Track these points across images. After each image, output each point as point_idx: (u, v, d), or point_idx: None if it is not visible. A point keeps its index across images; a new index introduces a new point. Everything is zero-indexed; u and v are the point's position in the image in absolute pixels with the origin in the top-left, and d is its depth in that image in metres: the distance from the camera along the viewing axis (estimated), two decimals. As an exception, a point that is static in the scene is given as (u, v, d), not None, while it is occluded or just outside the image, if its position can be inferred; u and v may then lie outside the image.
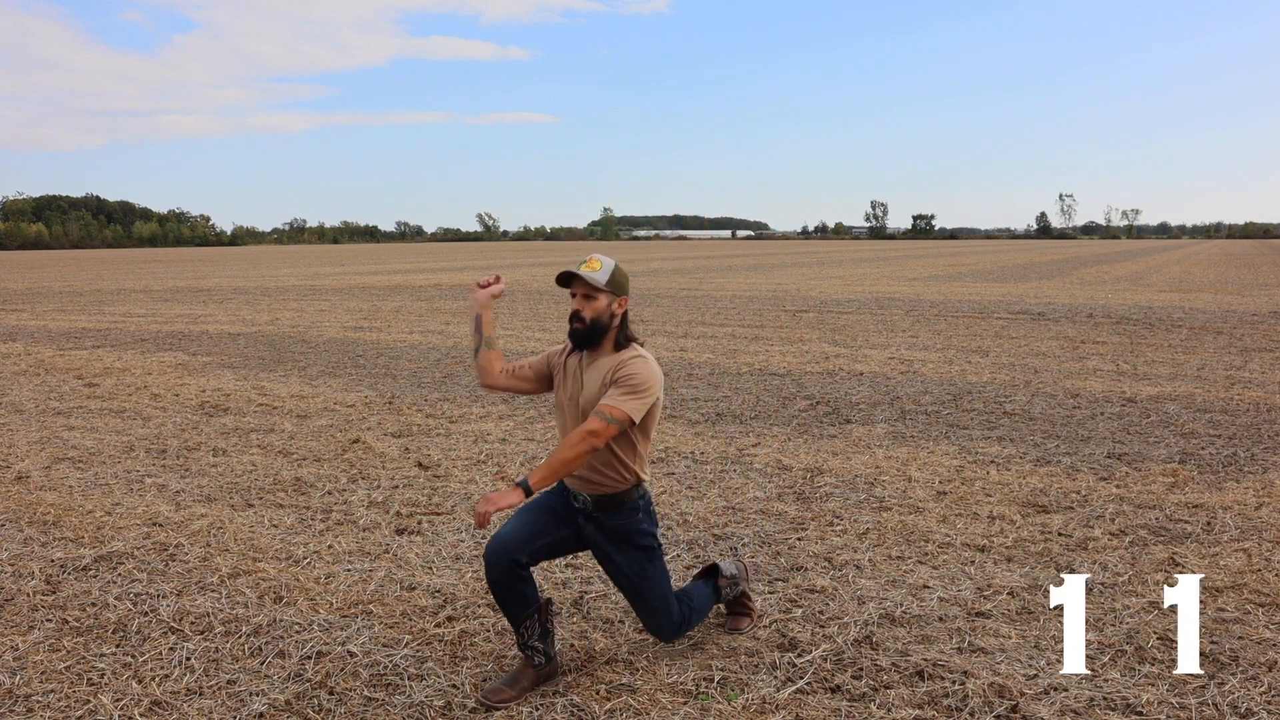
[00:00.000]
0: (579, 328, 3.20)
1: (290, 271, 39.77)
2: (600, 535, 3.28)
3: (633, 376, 3.12)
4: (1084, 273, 32.10)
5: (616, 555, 3.27)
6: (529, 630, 3.21)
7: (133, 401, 8.65)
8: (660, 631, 3.38)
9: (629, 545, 3.28)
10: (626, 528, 3.27)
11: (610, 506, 3.25)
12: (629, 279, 3.28)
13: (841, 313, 17.02)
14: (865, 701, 3.13)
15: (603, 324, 3.19)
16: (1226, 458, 6.22)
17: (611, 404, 3.07)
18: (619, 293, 3.21)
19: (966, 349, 11.79)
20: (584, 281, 3.16)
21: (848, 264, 42.80)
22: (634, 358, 3.18)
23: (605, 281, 3.16)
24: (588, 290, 3.17)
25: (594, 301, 3.17)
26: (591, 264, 3.18)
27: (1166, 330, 13.58)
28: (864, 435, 6.99)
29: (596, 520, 3.27)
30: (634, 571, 3.28)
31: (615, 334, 3.23)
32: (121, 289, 27.72)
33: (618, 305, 3.21)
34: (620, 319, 3.23)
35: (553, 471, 3.02)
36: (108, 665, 3.43)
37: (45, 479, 5.97)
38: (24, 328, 15.98)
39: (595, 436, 3.04)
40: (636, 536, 3.28)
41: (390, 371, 10.43)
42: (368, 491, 5.61)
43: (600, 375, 3.19)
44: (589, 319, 3.18)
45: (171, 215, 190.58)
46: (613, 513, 3.26)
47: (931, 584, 4.10)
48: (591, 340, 3.21)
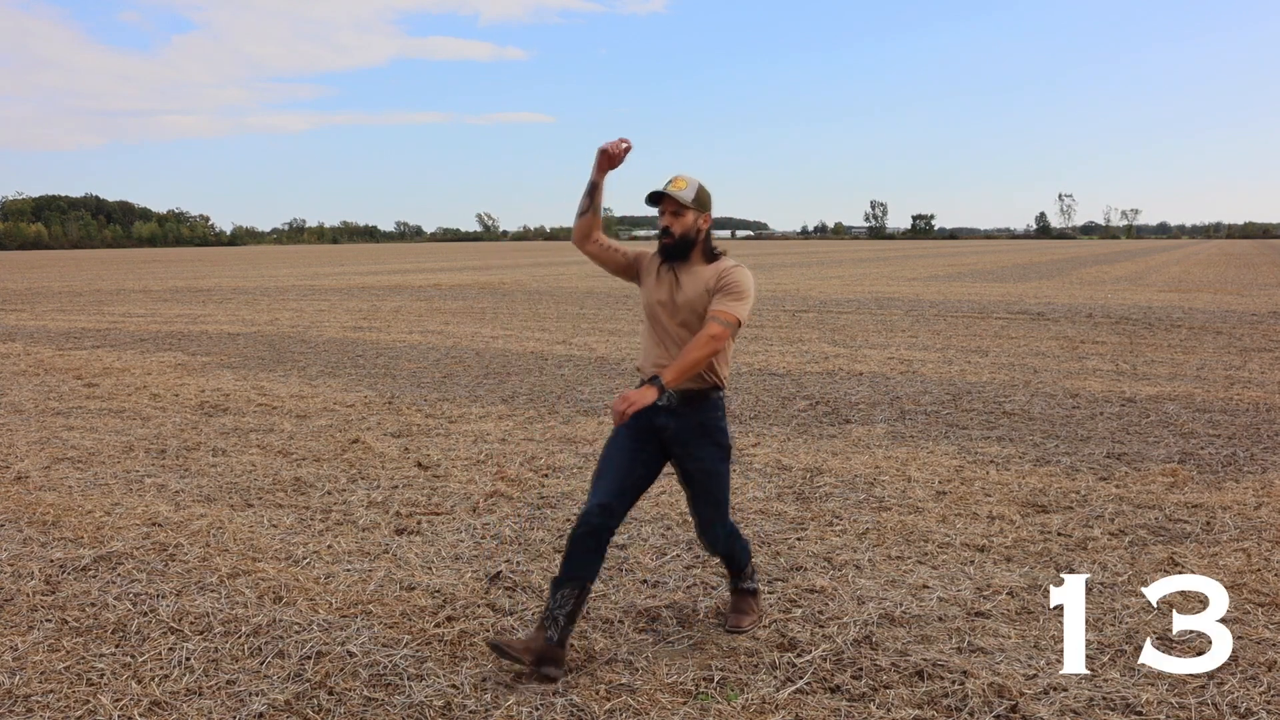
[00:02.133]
0: (669, 242, 3.43)
1: (290, 271, 39.77)
2: (683, 431, 3.46)
3: (737, 283, 3.38)
4: (1083, 273, 32.11)
5: (696, 449, 3.47)
6: (563, 600, 3.30)
7: (132, 401, 8.65)
8: (712, 534, 3.56)
9: (709, 440, 3.47)
10: (708, 424, 3.47)
11: (695, 402, 3.45)
12: (711, 197, 3.49)
13: (841, 313, 17.02)
14: (865, 701, 3.13)
15: (690, 238, 3.43)
16: (1226, 458, 6.22)
17: (723, 309, 3.33)
18: (703, 209, 3.45)
19: (966, 349, 11.79)
20: (672, 199, 3.38)
21: (847, 264, 42.81)
22: (733, 266, 3.43)
23: (691, 199, 3.39)
24: (675, 207, 3.40)
25: (681, 217, 3.41)
26: (677, 183, 3.41)
27: (1166, 330, 13.59)
28: (864, 435, 6.99)
29: (680, 416, 3.45)
30: (709, 466, 3.48)
31: (702, 247, 3.46)
32: (121, 289, 27.71)
33: (703, 220, 3.46)
34: (705, 233, 3.47)
35: (682, 371, 3.29)
36: (107, 665, 3.43)
37: (45, 479, 5.97)
38: (23, 328, 15.98)
39: (717, 340, 3.31)
40: (716, 434, 3.49)
41: (390, 371, 10.43)
42: (367, 491, 5.61)
43: (700, 282, 3.41)
44: (677, 234, 3.42)
45: (171, 215, 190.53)
46: (697, 408, 3.46)
47: (931, 584, 4.10)
48: (680, 253, 3.44)
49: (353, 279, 31.94)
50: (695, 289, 3.40)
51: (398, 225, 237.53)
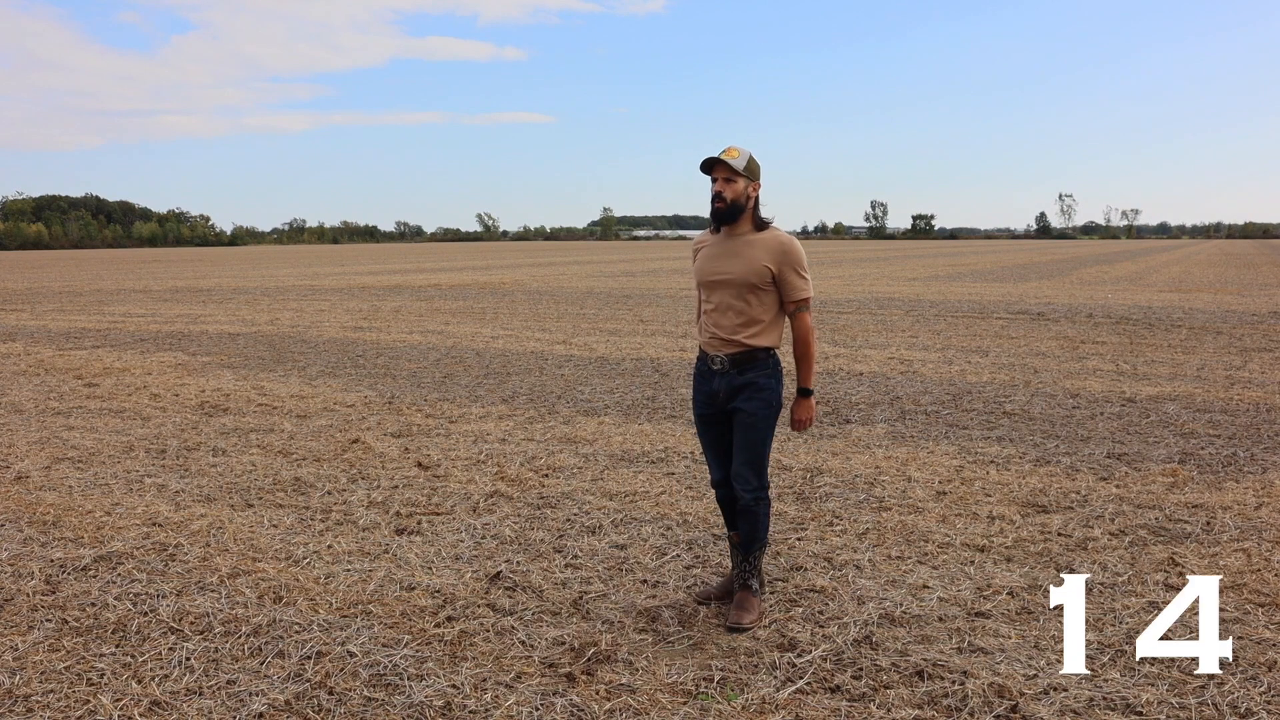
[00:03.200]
0: (721, 207, 3.62)
1: (290, 271, 39.77)
2: (732, 387, 3.69)
3: (800, 259, 3.63)
4: (1084, 273, 32.10)
5: (744, 402, 3.68)
6: (756, 559, 3.79)
7: (132, 401, 8.65)
8: (747, 480, 3.72)
9: (754, 392, 3.67)
10: (755, 380, 3.67)
11: (743, 362, 3.68)
12: (760, 168, 3.67)
13: (841, 313, 17.02)
14: (865, 701, 3.13)
15: (741, 204, 3.62)
16: (1226, 458, 6.22)
17: (799, 296, 3.65)
18: (753, 178, 3.64)
19: (966, 349, 11.79)
20: (726, 165, 3.57)
21: (848, 264, 42.80)
22: (789, 240, 3.64)
23: (743, 167, 3.58)
24: (728, 174, 3.59)
25: (733, 184, 3.60)
26: (730, 152, 3.59)
27: (1166, 330, 13.58)
28: (864, 435, 6.99)
29: (730, 378, 3.69)
30: (750, 412, 3.67)
31: (752, 214, 3.66)
32: (121, 289, 27.71)
33: (753, 189, 3.65)
34: (754, 201, 3.66)
35: (812, 367, 3.73)
36: (107, 665, 3.43)
37: (45, 479, 5.97)
38: (24, 328, 15.98)
39: (812, 326, 3.71)
40: (763, 390, 3.68)
41: (390, 371, 10.43)
42: (367, 491, 5.61)
43: (754, 252, 3.61)
44: (730, 199, 3.61)
45: (171, 215, 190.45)
46: (746, 368, 3.68)
47: (931, 584, 4.10)
48: (731, 217, 3.63)
49: (353, 279, 31.94)
50: (750, 260, 3.60)
51: (398, 225, 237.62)
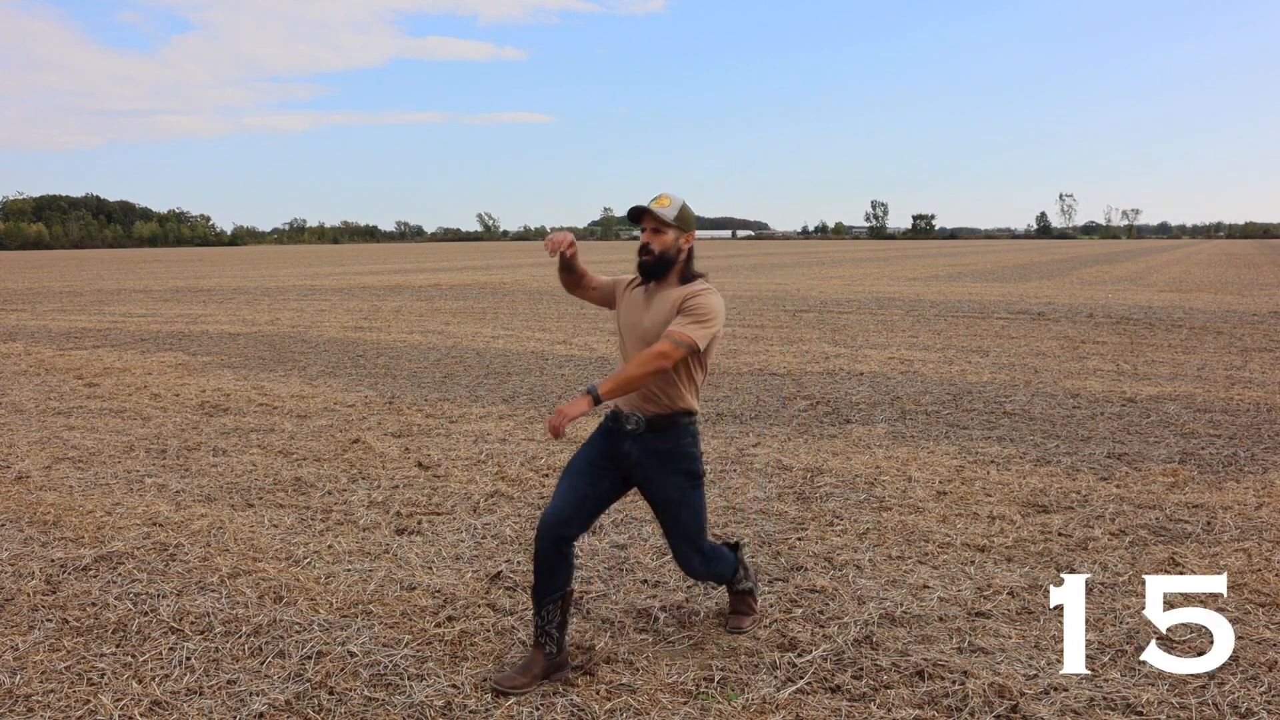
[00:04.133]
0: (648, 260, 3.34)
1: (290, 271, 39.77)
2: (648, 457, 3.37)
3: (700, 306, 3.27)
4: (1084, 273, 32.10)
5: (661, 477, 3.38)
6: (549, 615, 3.28)
7: (133, 401, 8.65)
8: (689, 562, 3.50)
9: (676, 468, 3.39)
10: (675, 451, 3.38)
11: (662, 428, 3.36)
12: (695, 217, 3.44)
13: (841, 313, 17.02)
14: (865, 701, 3.13)
15: (670, 257, 3.34)
16: (1226, 458, 6.22)
17: (680, 329, 3.23)
18: (686, 228, 3.37)
19: (966, 349, 11.79)
20: (654, 216, 3.31)
21: (848, 264, 42.80)
22: (703, 289, 3.33)
23: (674, 217, 3.32)
24: (657, 224, 3.32)
25: (663, 235, 3.33)
26: (661, 200, 3.35)
27: (1166, 330, 13.58)
28: (864, 435, 6.98)
29: (645, 442, 3.36)
30: (676, 496, 3.40)
31: (681, 268, 3.38)
32: (122, 289, 27.72)
33: (684, 240, 3.38)
34: (686, 254, 3.39)
35: (621, 385, 3.17)
36: (108, 665, 3.43)
37: (45, 479, 5.97)
38: (24, 328, 15.98)
39: (664, 358, 3.19)
40: (684, 460, 3.40)
41: (390, 371, 10.43)
42: (368, 491, 5.61)
43: (668, 304, 3.33)
44: (658, 251, 3.33)
45: (171, 215, 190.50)
46: (663, 435, 3.36)
47: (931, 584, 4.10)
48: (659, 272, 3.35)
49: (353, 279, 31.94)
50: (663, 310, 3.31)
51: (398, 225, 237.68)
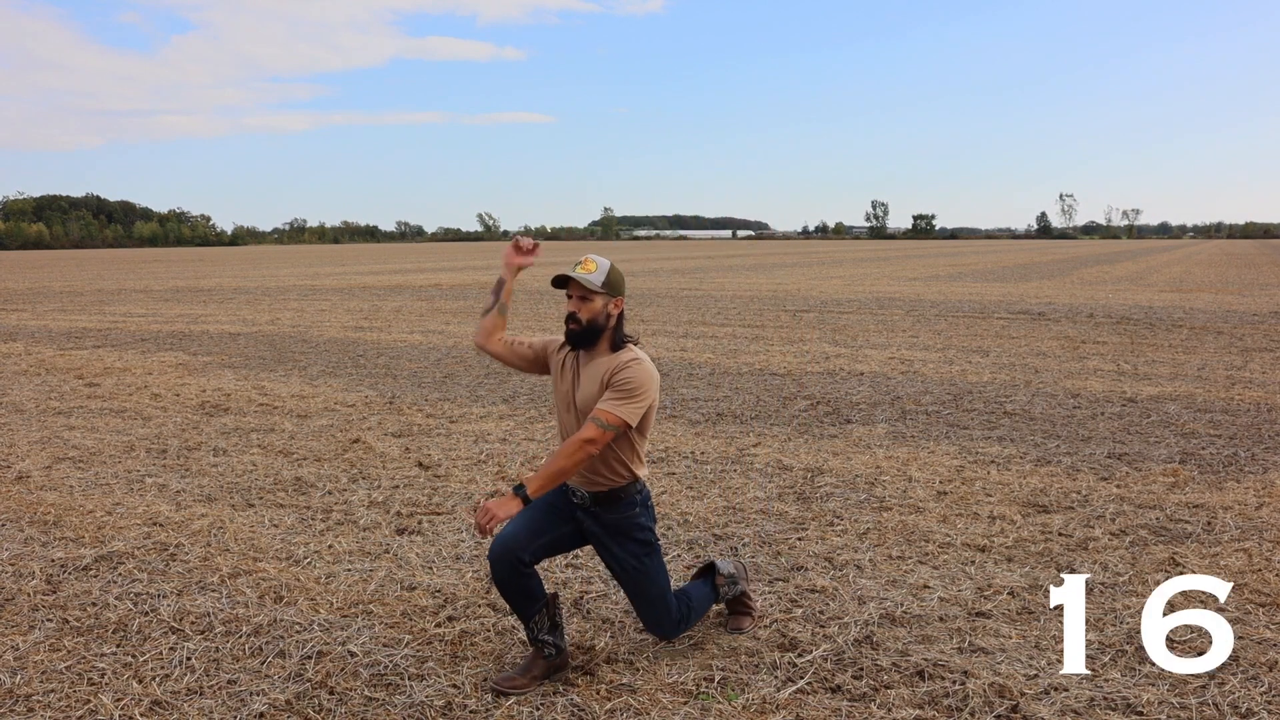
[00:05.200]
0: (575, 329, 3.19)
1: (290, 271, 39.77)
2: (599, 529, 3.31)
3: (628, 381, 3.11)
4: (1084, 273, 32.09)
5: (616, 549, 3.30)
6: (538, 625, 3.25)
7: (133, 401, 8.66)
8: (659, 627, 3.40)
9: (627, 539, 3.30)
10: (624, 522, 3.30)
11: (608, 501, 3.28)
12: (624, 279, 3.29)
13: (842, 313, 17.02)
14: (865, 701, 3.13)
15: (599, 325, 3.19)
16: (1227, 458, 6.22)
17: (607, 409, 3.08)
18: (615, 293, 3.21)
19: (967, 349, 11.79)
20: (579, 284, 3.16)
21: (848, 264, 42.80)
22: (630, 360, 3.17)
23: (601, 283, 3.16)
24: (583, 292, 3.17)
25: (590, 303, 3.17)
26: (586, 265, 3.19)
27: (1167, 330, 13.58)
28: (864, 435, 6.98)
29: (595, 515, 3.30)
30: (632, 565, 3.31)
31: (611, 334, 3.22)
32: (122, 289, 27.72)
33: (613, 306, 3.21)
34: (616, 319, 3.23)
35: (549, 479, 3.05)
36: (108, 665, 3.43)
37: (46, 479, 5.97)
38: (25, 327, 15.99)
39: (592, 444, 3.06)
40: (635, 530, 3.31)
41: (390, 371, 10.43)
42: (368, 491, 5.61)
43: (598, 375, 3.19)
44: (585, 320, 3.18)
45: (172, 215, 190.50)
46: (610, 507, 3.28)
47: (932, 584, 4.10)
48: (588, 340, 3.21)
49: (354, 279, 31.94)
50: (592, 385, 3.18)
51: (398, 225, 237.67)
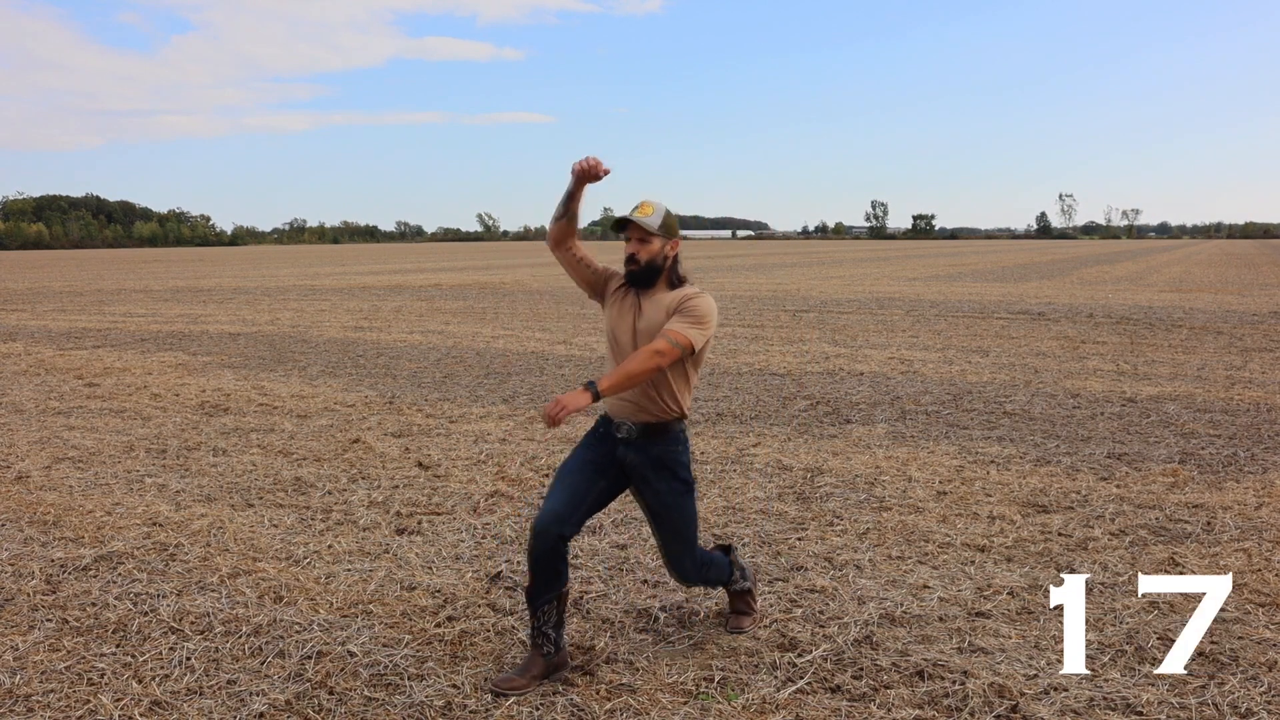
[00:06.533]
0: (634, 269, 3.36)
1: (290, 271, 39.77)
2: (643, 462, 3.38)
3: (696, 309, 3.30)
4: (1084, 273, 32.10)
5: (656, 483, 3.39)
6: (546, 615, 3.28)
7: (133, 401, 8.65)
8: (682, 568, 3.49)
9: (669, 474, 3.39)
10: (668, 456, 3.40)
11: (655, 434, 3.38)
12: (679, 222, 3.43)
13: (841, 313, 17.02)
14: (865, 701, 3.13)
15: (657, 265, 3.36)
16: (1226, 458, 6.22)
17: (676, 329, 3.25)
18: (670, 235, 3.39)
19: (966, 349, 11.79)
20: (638, 226, 3.32)
21: (848, 264, 42.81)
22: (697, 293, 3.36)
23: (658, 225, 3.33)
24: (642, 234, 3.34)
25: (648, 244, 3.35)
26: (644, 209, 3.35)
27: (1166, 330, 13.58)
28: (864, 435, 6.98)
29: (641, 448, 3.38)
30: (670, 502, 3.40)
31: (668, 274, 3.40)
32: (122, 289, 27.72)
33: (670, 247, 3.39)
34: (672, 260, 3.41)
35: (621, 381, 3.17)
36: (108, 665, 3.43)
37: (45, 479, 5.97)
38: (24, 327, 15.98)
39: (661, 356, 3.21)
40: (678, 468, 3.41)
41: (390, 371, 10.43)
42: (368, 491, 5.61)
43: (662, 308, 3.34)
44: (644, 261, 3.35)
45: (171, 215, 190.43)
46: (657, 440, 3.38)
47: (931, 584, 4.10)
48: (647, 280, 3.37)
49: (353, 279, 31.94)
50: (656, 315, 3.33)
51: (398, 225, 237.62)
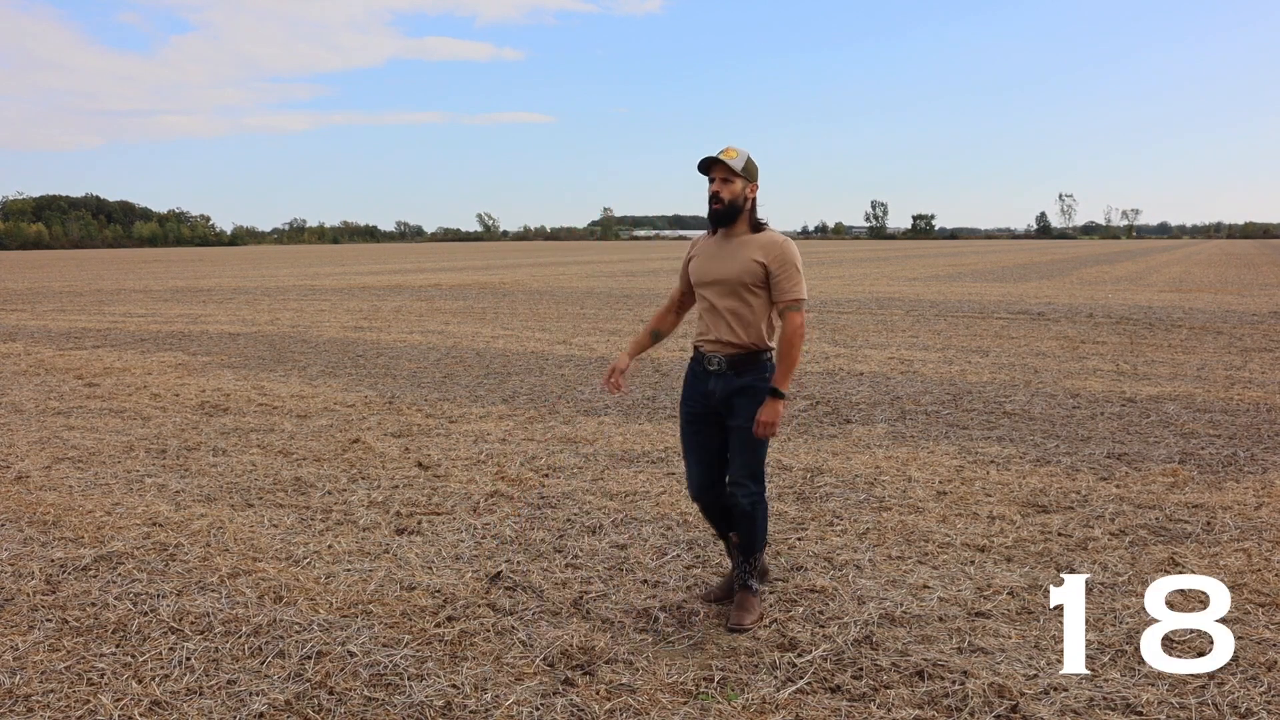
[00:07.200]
0: (718, 208, 3.60)
1: (290, 271, 39.77)
2: (729, 391, 3.65)
3: (789, 262, 3.58)
4: (1084, 273, 32.11)
5: (739, 407, 3.64)
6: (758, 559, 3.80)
7: (133, 401, 8.65)
8: (746, 487, 3.69)
9: (752, 400, 3.62)
10: (757, 384, 3.63)
11: (745, 363, 3.64)
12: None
13: (841, 313, 17.02)
14: (865, 701, 3.13)
15: (738, 205, 3.61)
16: (1226, 458, 6.22)
17: (791, 294, 3.57)
18: (751, 179, 3.64)
19: (966, 349, 11.79)
20: (724, 166, 3.56)
21: (848, 264, 42.82)
22: (782, 240, 3.62)
23: (741, 167, 3.57)
24: (726, 174, 3.58)
25: (731, 185, 3.59)
26: (729, 152, 3.58)
27: (1166, 330, 13.58)
28: (864, 435, 6.99)
29: (728, 379, 3.65)
30: (748, 424, 3.62)
31: (748, 216, 3.65)
32: (121, 289, 27.72)
33: (750, 190, 3.65)
34: (752, 202, 3.66)
35: (790, 370, 3.57)
36: (108, 665, 3.43)
37: (45, 479, 5.97)
38: (24, 327, 15.98)
39: (802, 327, 3.58)
40: (761, 395, 3.63)
41: (390, 371, 10.43)
42: (368, 491, 5.61)
43: (748, 252, 3.60)
44: (727, 200, 3.59)
45: (171, 215, 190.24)
46: (746, 369, 3.64)
47: (931, 584, 4.10)
48: (729, 218, 3.62)
49: (353, 279, 31.94)
50: (744, 260, 3.58)
51: (398, 225, 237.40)
